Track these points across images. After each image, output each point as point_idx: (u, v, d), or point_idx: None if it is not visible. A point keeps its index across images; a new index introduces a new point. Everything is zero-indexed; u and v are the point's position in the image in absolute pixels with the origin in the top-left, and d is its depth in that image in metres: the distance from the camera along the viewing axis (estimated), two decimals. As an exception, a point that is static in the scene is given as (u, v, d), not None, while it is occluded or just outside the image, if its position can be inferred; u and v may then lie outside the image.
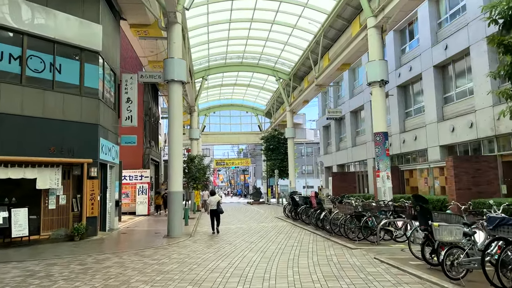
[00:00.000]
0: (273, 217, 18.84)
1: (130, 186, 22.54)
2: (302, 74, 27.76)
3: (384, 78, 13.75)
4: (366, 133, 28.50)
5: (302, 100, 28.16)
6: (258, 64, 28.47)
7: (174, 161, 12.70)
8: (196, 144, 28.00)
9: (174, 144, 12.78)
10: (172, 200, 12.53)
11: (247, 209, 26.68)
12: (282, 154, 35.48)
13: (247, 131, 44.17)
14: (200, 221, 18.64)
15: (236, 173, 79.15)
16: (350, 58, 20.71)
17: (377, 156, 13.56)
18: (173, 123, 12.90)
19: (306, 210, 14.19)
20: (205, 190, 23.03)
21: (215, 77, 32.22)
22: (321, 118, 39.30)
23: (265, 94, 38.03)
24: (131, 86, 15.40)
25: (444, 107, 20.08)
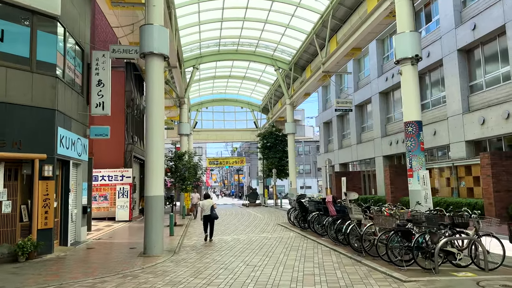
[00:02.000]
0: (275, 224, 16.09)
1: (110, 187, 19.66)
2: (304, 63, 25.06)
3: (417, 53, 11.05)
4: (374, 128, 25.90)
5: (304, 92, 25.45)
6: (255, 52, 25.70)
7: (153, 158, 9.90)
8: (187, 140, 25.17)
9: (153, 135, 9.99)
10: (150, 208, 9.72)
11: (243, 213, 23.89)
12: (281, 152, 32.75)
13: (242, 128, 41.36)
14: (189, 229, 15.83)
15: (230, 173, 76.28)
16: (363, 41, 18.03)
17: (409, 151, 10.87)
18: (152, 109, 10.10)
19: (319, 218, 11.45)
20: (194, 192, 20.29)
21: (207, 67, 29.38)
22: (321, 113, 36.66)
23: (261, 88, 35.29)
24: (103, 66, 12.55)
25: (470, 97, 17.49)
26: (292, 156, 26.06)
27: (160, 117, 10.18)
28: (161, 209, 9.93)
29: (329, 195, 10.37)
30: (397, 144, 22.86)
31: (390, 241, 6.81)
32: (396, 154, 23.66)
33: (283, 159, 32.68)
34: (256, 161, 56.93)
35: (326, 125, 36.43)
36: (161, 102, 10.28)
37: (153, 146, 9.93)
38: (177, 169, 16.59)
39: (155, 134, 9.98)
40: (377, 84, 25.23)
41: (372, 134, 26.49)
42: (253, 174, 58.82)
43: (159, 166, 9.94)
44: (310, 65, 24.05)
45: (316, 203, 11.85)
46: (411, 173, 10.81)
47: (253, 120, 40.83)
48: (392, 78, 23.39)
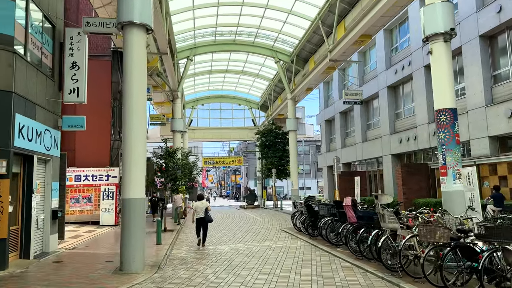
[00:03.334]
0: (278, 230, 14.24)
1: (94, 188, 17.77)
2: (306, 55, 23.26)
3: (451, 27, 9.25)
4: (382, 125, 24.11)
5: (306, 86, 23.66)
6: (254, 43, 23.87)
7: (132, 151, 8.05)
8: (180, 138, 23.30)
9: (132, 124, 8.14)
10: (128, 213, 7.85)
11: (241, 216, 22.03)
12: (281, 151, 30.91)
13: (240, 126, 39.48)
14: (181, 235, 13.95)
15: (226, 174, 74.36)
16: (374, 26, 16.29)
17: (442, 144, 9.06)
18: (131, 91, 8.25)
19: (333, 225, 9.61)
20: (177, 194, 18.00)
21: (203, 60, 27.52)
22: (323, 111, 34.86)
23: (260, 83, 33.46)
24: (79, 46, 10.68)
25: (494, 88, 15.73)
26: (294, 155, 24.24)
27: (141, 101, 8.32)
28: (142, 214, 8.06)
29: (347, 197, 8.55)
30: (408, 142, 21.08)
31: (445, 260, 4.98)
32: (407, 153, 21.89)
33: (283, 158, 30.85)
34: (253, 161, 55.06)
35: (328, 123, 34.61)
36: (142, 84, 8.42)
37: (131, 137, 8.07)
38: (168, 168, 14.72)
39: (134, 122, 8.11)
40: (385, 78, 23.45)
41: (379, 132, 24.71)
42: (251, 175, 56.97)
43: (139, 162, 8.08)
44: (313, 57, 22.25)
45: (328, 207, 10.02)
46: (445, 171, 9.01)
47: (251, 118, 38.99)
48: (402, 71, 21.63)
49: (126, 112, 8.22)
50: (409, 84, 21.86)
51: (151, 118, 24.27)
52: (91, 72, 19.43)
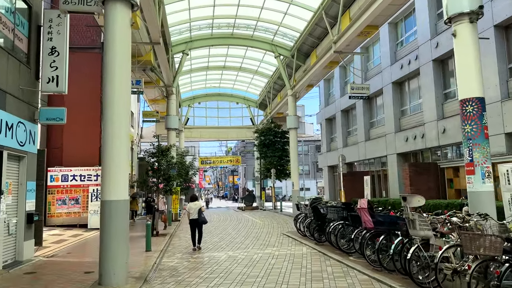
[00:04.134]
0: (279, 234, 13.12)
1: (82, 189, 16.62)
2: (308, 49, 22.18)
3: (480, 5, 8.17)
4: (386, 123, 23.06)
5: (308, 82, 22.57)
6: (252, 37, 22.75)
7: (114, 146, 6.94)
8: (176, 136, 22.15)
9: (113, 112, 7.04)
10: (108, 218, 6.73)
11: (240, 218, 20.91)
12: (280, 150, 29.81)
13: (238, 125, 38.32)
14: (174, 240, 12.82)
15: (224, 174, 73.21)
16: (381, 16, 15.19)
17: (468, 139, 7.97)
18: (112, 76, 7.15)
19: (344, 230, 8.51)
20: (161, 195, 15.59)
21: (199, 55, 26.38)
22: (323, 109, 33.82)
23: (259, 80, 32.35)
24: (59, 30, 9.57)
25: (510, 81, 14.70)
26: (295, 154, 23.13)
27: (124, 88, 7.21)
28: (124, 219, 6.93)
29: (362, 199, 7.44)
30: (415, 140, 20.02)
31: (502, 278, 3.89)
32: (413, 151, 20.82)
33: (283, 158, 29.76)
34: (252, 161, 53.93)
35: (329, 121, 33.57)
36: (125, 68, 7.30)
37: (112, 129, 6.96)
38: (160, 167, 13.58)
39: (116, 112, 7.00)
40: (390, 73, 22.41)
41: (383, 130, 23.65)
42: (249, 176, 55.86)
43: (121, 158, 6.96)
44: (315, 51, 21.16)
45: (338, 209, 8.91)
46: (472, 169, 7.91)
47: (250, 116, 37.87)
48: (408, 65, 20.57)
49: (106, 100, 7.10)
50: (415, 80, 20.82)
51: (144, 115, 23.12)
52: (80, 65, 18.35)
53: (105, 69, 7.25)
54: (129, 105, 7.41)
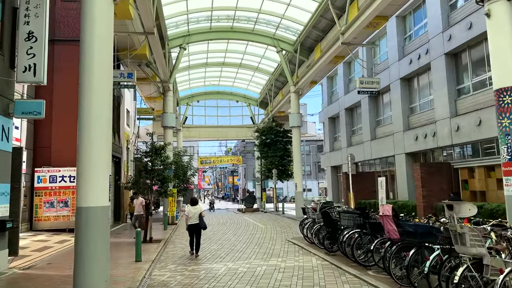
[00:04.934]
0: (284, 241, 12.01)
1: (71, 191, 15.50)
2: (312, 43, 21.09)
3: (520, -20, 7.10)
4: (394, 121, 21.96)
5: (311, 77, 21.50)
6: (253, 30, 21.66)
7: (92, 142, 5.88)
8: (172, 135, 21.04)
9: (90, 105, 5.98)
10: (85, 228, 5.65)
11: (240, 222, 19.81)
12: (282, 150, 28.71)
13: (238, 125, 37.22)
14: (169, 247, 11.71)
15: (224, 175, 72.11)
16: (391, 5, 14.15)
17: (506, 134, 6.90)
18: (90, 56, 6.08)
19: (361, 240, 7.40)
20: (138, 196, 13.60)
21: (198, 50, 25.29)
22: (326, 108, 32.74)
23: (260, 78, 31.25)
24: (37, 12, 8.47)
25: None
26: (298, 153, 22.03)
27: (105, 72, 6.14)
28: (105, 229, 5.85)
29: (385, 205, 6.34)
30: (425, 139, 18.93)
31: None
32: (423, 151, 19.72)
33: (285, 158, 28.66)
34: (252, 162, 52.80)
35: (332, 120, 32.47)
36: (106, 49, 6.26)
37: (90, 121, 5.88)
38: (154, 167, 12.47)
39: (95, 101, 5.93)
40: (398, 69, 21.29)
41: (391, 128, 22.55)
42: (249, 176, 54.77)
43: (101, 156, 5.89)
44: (319, 45, 20.07)
45: (353, 216, 7.81)
46: (510, 169, 6.83)
47: (250, 115, 36.77)
48: (418, 60, 19.48)
49: (82, 88, 6.02)
50: (425, 75, 19.72)
51: (139, 112, 22.01)
52: (70, 58, 17.20)
53: (82, 47, 6.17)
54: (110, 94, 6.34)
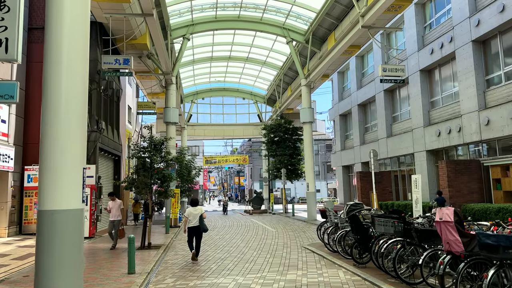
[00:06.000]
0: (300, 248, 10.56)
1: (64, 191, 14.07)
2: (324, 33, 19.62)
3: None
4: (412, 116, 20.44)
5: (325, 69, 20.04)
6: (262, 19, 20.24)
7: (59, 128, 4.45)
8: (174, 131, 19.64)
9: (58, 82, 4.55)
10: (48, 238, 4.21)
11: (248, 225, 18.37)
12: (291, 148, 27.26)
13: (244, 122, 35.81)
14: (168, 255, 10.30)
15: (229, 175, 70.74)
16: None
17: None
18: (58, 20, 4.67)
19: (405, 252, 5.92)
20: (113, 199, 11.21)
21: (202, 43, 23.95)
22: (337, 104, 31.23)
23: (267, 73, 29.83)
24: (10, -22, 7.09)
25: None
26: (310, 151, 20.54)
27: (79, 42, 4.73)
28: (77, 239, 4.42)
29: (445, 209, 4.86)
30: (449, 134, 17.40)
31: None
32: (446, 148, 18.18)
33: (294, 156, 27.20)
34: (258, 162, 51.34)
35: (343, 117, 30.97)
36: (82, 14, 4.83)
37: (58, 100, 4.46)
38: (153, 165, 11.07)
39: (65, 77, 4.52)
40: (417, 60, 19.78)
41: (409, 124, 21.04)
42: (255, 177, 53.35)
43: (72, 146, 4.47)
44: (333, 33, 18.59)
45: (390, 221, 6.33)
46: None
47: (257, 113, 35.35)
48: (440, 50, 17.95)
49: (47, 61, 4.62)
50: (448, 66, 18.19)
51: (139, 106, 20.67)
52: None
53: (47, 12, 4.77)
54: (85, 69, 4.95)
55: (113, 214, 11.15)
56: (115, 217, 11.11)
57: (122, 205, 11.39)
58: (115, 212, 11.14)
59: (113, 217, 11.14)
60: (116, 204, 11.23)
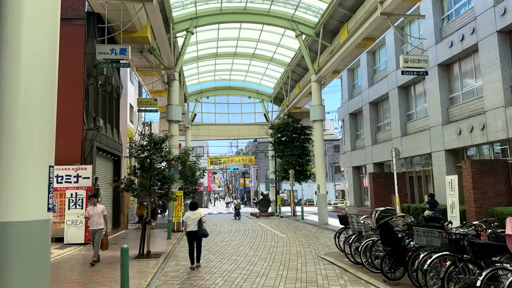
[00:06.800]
0: (316, 258, 9.43)
1: (58, 193, 13.15)
2: (336, 25, 18.51)
3: None
4: (429, 114, 19.27)
5: (335, 64, 18.91)
6: (269, 12, 19.16)
7: (15, 119, 3.34)
8: (177, 130, 18.60)
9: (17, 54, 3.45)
10: (4, 255, 3.13)
11: (256, 229, 17.27)
12: (300, 148, 26.13)
13: (250, 122, 34.74)
14: (169, 265, 9.22)
15: (234, 177, 69.68)
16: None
17: None
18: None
19: (455, 270, 4.79)
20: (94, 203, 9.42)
21: (206, 38, 22.93)
22: (346, 103, 30.11)
23: (274, 71, 28.75)
24: None
25: None
26: (320, 151, 19.37)
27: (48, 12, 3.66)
28: (43, 257, 3.34)
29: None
30: (471, 133, 16.20)
31: None
32: (467, 147, 16.98)
33: (302, 157, 26.07)
34: (264, 163, 50.24)
35: (353, 116, 29.82)
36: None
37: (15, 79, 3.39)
38: (152, 165, 10.02)
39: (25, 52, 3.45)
40: (435, 54, 18.58)
41: (426, 122, 19.87)
42: (261, 178, 52.25)
43: (36, 137, 3.38)
44: (346, 25, 17.47)
45: (433, 231, 5.19)
46: None
47: (263, 112, 34.26)
48: (461, 42, 16.77)
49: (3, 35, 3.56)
50: (470, 59, 17.01)
51: (139, 103, 19.64)
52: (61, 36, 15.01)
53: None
54: (54, 43, 3.89)
55: (94, 222, 9.29)
56: (97, 225, 9.27)
57: (105, 211, 9.49)
58: (96, 219, 9.28)
59: (94, 225, 9.28)
60: (97, 210, 9.36)
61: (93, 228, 9.32)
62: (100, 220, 9.31)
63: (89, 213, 9.42)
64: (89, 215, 9.40)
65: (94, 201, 9.47)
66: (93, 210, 9.36)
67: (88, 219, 9.44)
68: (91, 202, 9.56)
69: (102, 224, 9.33)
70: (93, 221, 9.31)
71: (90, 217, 9.35)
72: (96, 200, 9.52)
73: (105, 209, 9.58)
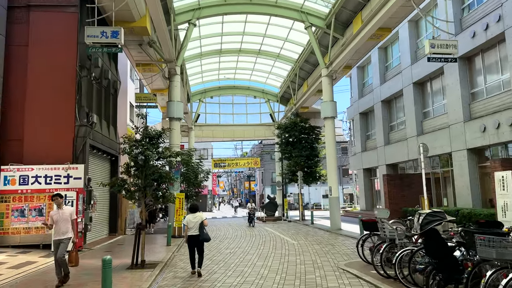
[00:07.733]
0: (337, 270, 8.09)
1: (47, 195, 11.96)
2: (349, 16, 17.27)
3: None
4: (449, 111, 17.94)
5: (347, 57, 17.67)
6: (277, 2, 17.94)
7: None
8: (179, 128, 17.38)
9: None
10: None
11: (263, 235, 15.96)
12: (308, 149, 24.82)
13: (255, 123, 33.50)
14: (166, 277, 7.96)
15: (239, 180, 68.36)
16: None
17: None
18: None
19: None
20: (58, 203, 7.19)
21: (210, 33, 21.75)
22: (356, 102, 28.84)
23: (281, 68, 27.51)
24: None
25: None
26: (332, 150, 18.02)
27: None
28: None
29: None
30: (497, 129, 14.84)
31: None
32: (493, 145, 15.61)
33: (311, 158, 24.76)
34: (269, 166, 48.89)
35: (364, 116, 28.52)
36: None
37: None
38: (147, 162, 8.79)
39: None
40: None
41: (445, 120, 18.54)
42: (267, 181, 50.88)
43: None
44: (360, 14, 16.21)
45: (500, 239, 3.91)
46: None
47: (269, 112, 33.02)
48: (485, 32, 15.48)
49: None
50: (494, 50, 15.70)
51: (138, 98, 18.46)
52: (49, 28, 13.63)
53: None
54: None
55: (60, 230, 7.02)
56: (62, 234, 7.01)
57: (73, 215, 7.30)
58: (62, 226, 7.00)
59: (60, 234, 7.01)
60: (64, 214, 7.13)
61: (57, 238, 7.00)
62: (67, 226, 7.06)
63: (53, 218, 7.12)
64: (53, 221, 7.10)
65: (59, 202, 7.23)
66: (58, 215, 7.10)
67: (50, 227, 7.22)
68: (55, 203, 7.29)
69: (70, 232, 7.12)
70: (58, 228, 7.03)
71: (54, 223, 7.08)
72: (61, 201, 7.28)
73: (74, 212, 7.58)
